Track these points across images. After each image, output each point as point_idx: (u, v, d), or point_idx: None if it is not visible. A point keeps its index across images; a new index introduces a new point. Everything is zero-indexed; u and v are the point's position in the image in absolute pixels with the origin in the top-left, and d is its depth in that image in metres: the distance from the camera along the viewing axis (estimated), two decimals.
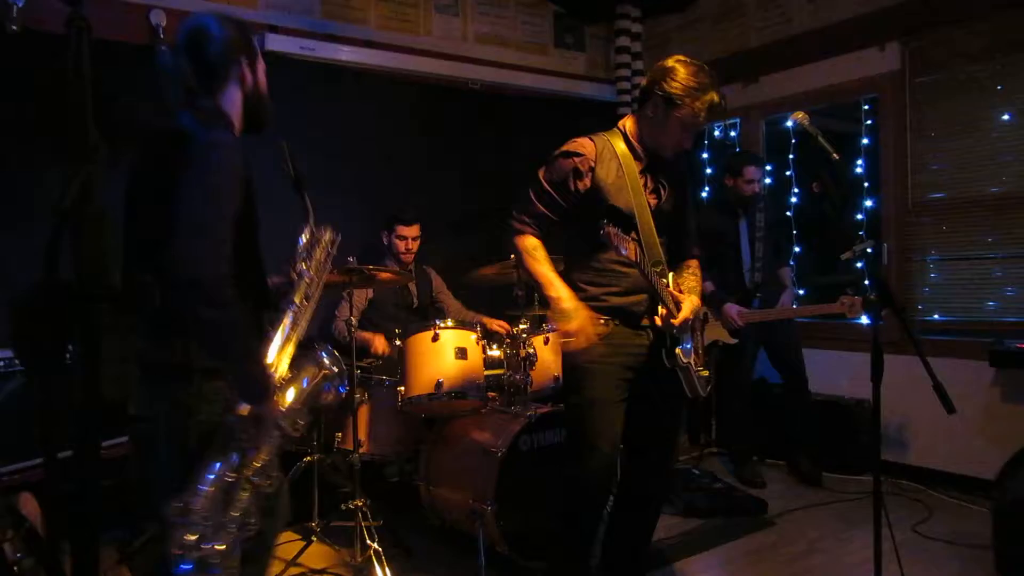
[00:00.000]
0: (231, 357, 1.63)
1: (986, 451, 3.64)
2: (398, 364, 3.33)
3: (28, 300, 0.67)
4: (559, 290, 2.35)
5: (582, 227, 2.40)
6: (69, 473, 0.64)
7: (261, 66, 1.87)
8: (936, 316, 4.17)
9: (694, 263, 2.63)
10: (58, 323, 0.65)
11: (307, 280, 1.93)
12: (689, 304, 2.42)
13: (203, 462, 1.63)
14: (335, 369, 1.93)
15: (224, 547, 1.61)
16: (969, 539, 3.26)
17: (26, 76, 3.33)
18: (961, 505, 3.72)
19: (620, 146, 2.44)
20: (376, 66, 4.51)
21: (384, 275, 3.36)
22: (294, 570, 3.07)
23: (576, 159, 2.39)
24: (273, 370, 1.78)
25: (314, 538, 3.29)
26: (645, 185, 2.46)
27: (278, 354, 1.82)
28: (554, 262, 2.47)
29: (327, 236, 2.01)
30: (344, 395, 2.08)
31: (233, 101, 1.81)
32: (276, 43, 4.09)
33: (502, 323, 3.86)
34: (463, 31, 4.93)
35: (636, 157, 2.46)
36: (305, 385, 1.85)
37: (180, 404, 1.67)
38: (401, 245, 3.91)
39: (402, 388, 3.23)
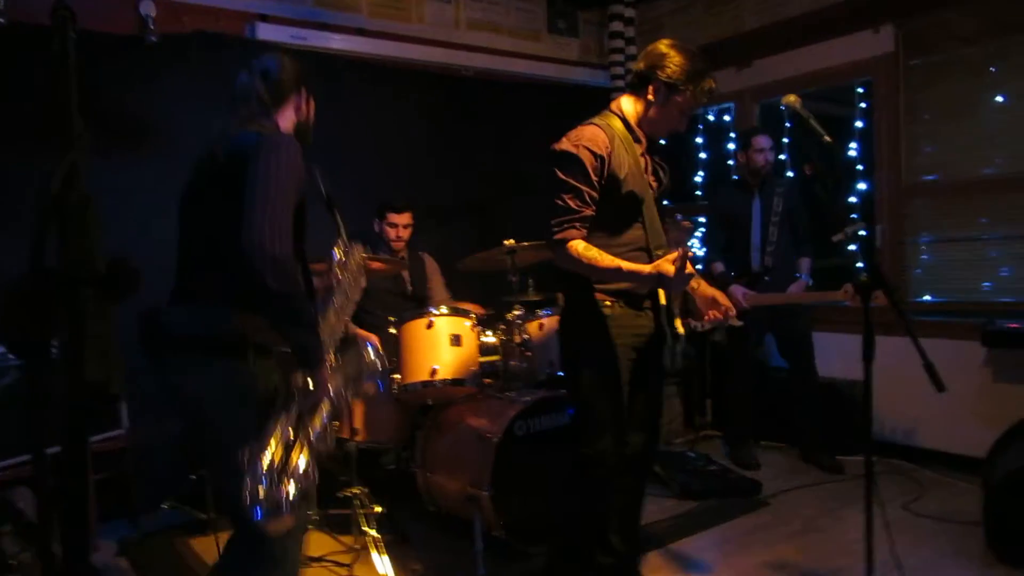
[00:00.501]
0: (299, 325, 1.83)
1: (977, 430, 3.66)
2: (393, 352, 3.34)
3: (15, 287, 0.68)
4: (632, 266, 2.33)
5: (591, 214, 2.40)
6: (58, 467, 0.65)
7: (312, 100, 2.18)
8: (928, 297, 4.19)
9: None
10: (44, 309, 0.66)
11: (345, 287, 2.16)
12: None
13: (265, 423, 1.81)
14: (378, 363, 2.14)
15: (293, 491, 1.79)
16: (960, 516, 3.30)
17: (13, 69, 3.31)
18: (952, 483, 3.75)
19: (621, 130, 2.44)
20: (368, 54, 4.50)
21: (375, 264, 3.36)
22: None
23: (595, 150, 2.35)
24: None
25: (311, 526, 3.31)
26: (646, 168, 2.48)
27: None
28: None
29: (359, 252, 2.23)
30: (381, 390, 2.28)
31: (287, 123, 2.08)
32: (267, 32, 4.08)
33: (475, 306, 3.85)
34: (455, 18, 4.91)
35: (636, 140, 2.48)
36: (351, 371, 2.03)
37: (236, 379, 1.87)
38: (392, 233, 3.91)
39: (397, 375, 3.25)
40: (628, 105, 2.49)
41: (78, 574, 0.72)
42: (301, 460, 1.85)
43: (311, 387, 1.88)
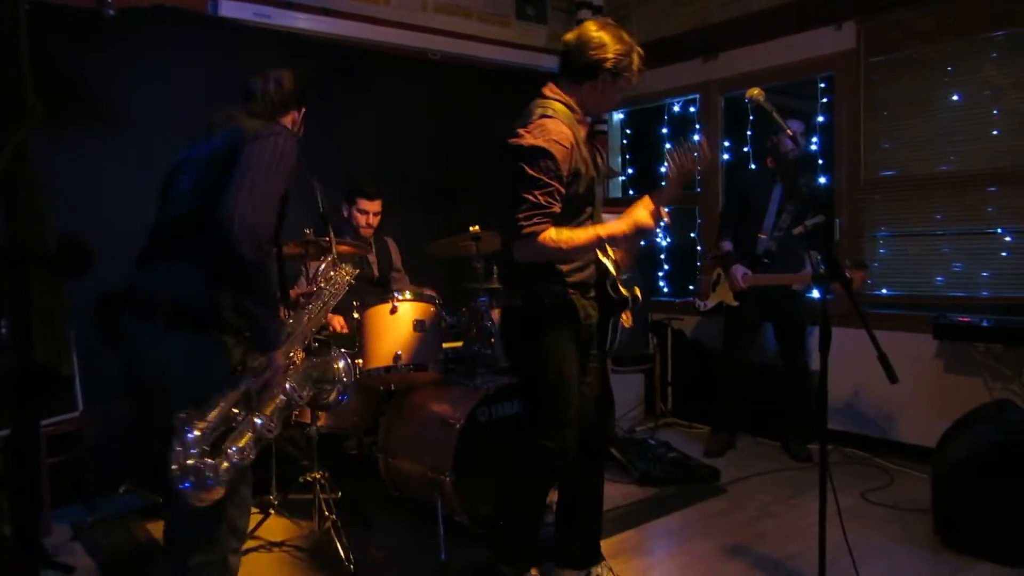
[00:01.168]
0: (262, 304, 1.88)
1: (928, 420, 3.77)
2: (356, 336, 3.32)
3: None
4: (608, 228, 2.39)
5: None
6: (8, 449, 0.63)
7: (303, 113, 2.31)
8: (884, 291, 4.29)
9: None
10: None
11: (326, 296, 2.31)
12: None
13: (214, 398, 1.86)
14: (345, 375, 2.23)
15: (224, 465, 1.82)
16: (911, 504, 3.40)
17: None
18: (905, 472, 3.86)
19: (570, 119, 2.42)
20: (333, 35, 4.43)
21: (342, 248, 3.33)
22: (252, 543, 3.07)
23: (565, 146, 2.32)
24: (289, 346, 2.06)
25: (272, 511, 3.29)
26: (589, 153, 2.50)
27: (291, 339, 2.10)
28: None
29: (347, 270, 2.43)
30: (341, 403, 2.34)
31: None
32: (229, 9, 3.99)
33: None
34: (423, 1, 4.86)
35: (580, 124, 2.47)
36: (315, 373, 2.14)
37: (199, 350, 1.89)
38: (362, 219, 3.87)
39: (360, 360, 3.23)
40: (568, 91, 2.46)
41: (29, 558, 0.71)
42: (241, 440, 1.87)
43: (266, 369, 1.93)
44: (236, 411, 1.90)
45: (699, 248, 5.26)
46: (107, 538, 3.21)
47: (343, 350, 2.31)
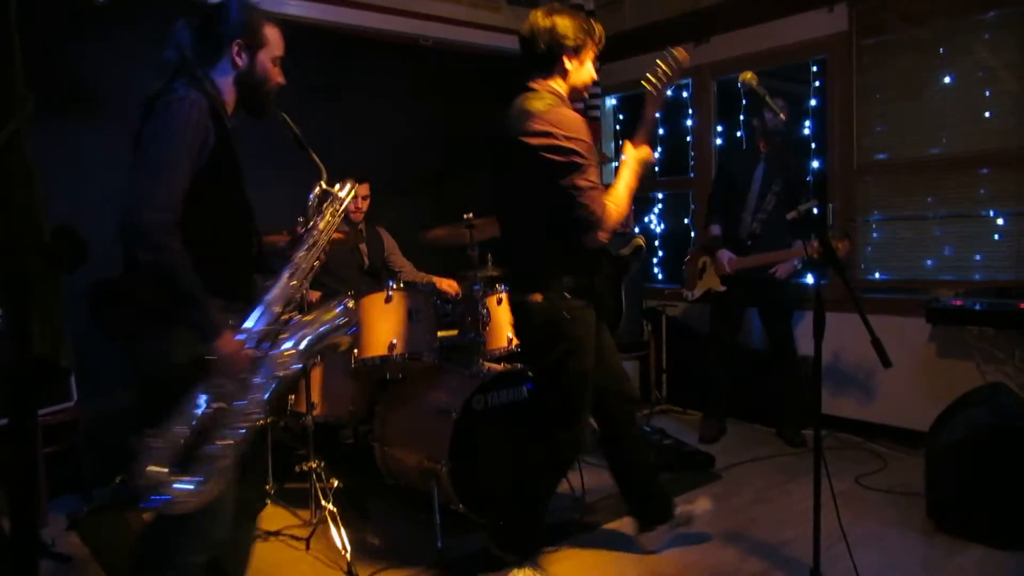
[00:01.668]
0: (172, 300, 1.74)
1: (922, 404, 3.79)
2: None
3: None
4: (626, 177, 2.53)
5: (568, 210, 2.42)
6: (5, 439, 0.62)
7: (266, 55, 1.98)
8: (877, 275, 4.30)
9: None
10: None
11: (314, 234, 2.10)
12: None
13: (180, 400, 1.75)
14: (342, 320, 2.08)
15: (197, 485, 1.72)
16: (905, 488, 3.42)
17: None
18: (899, 456, 3.88)
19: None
20: (324, 21, 4.39)
21: (334, 235, 3.30)
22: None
23: (585, 128, 2.42)
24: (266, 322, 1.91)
25: (268, 501, 3.29)
26: None
27: (269, 306, 1.94)
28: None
29: (346, 188, 2.18)
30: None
31: (224, 79, 1.95)
32: None
33: (451, 282, 3.86)
34: None
35: None
36: (322, 329, 2.02)
37: (155, 351, 1.81)
38: (351, 204, 3.84)
39: (355, 350, 3.22)
40: (551, 82, 2.53)
41: (27, 548, 0.70)
42: (214, 441, 1.77)
43: (217, 363, 1.78)
44: (208, 407, 1.78)
45: (692, 234, 5.26)
46: (103, 528, 3.21)
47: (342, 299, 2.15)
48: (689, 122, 5.21)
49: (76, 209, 3.22)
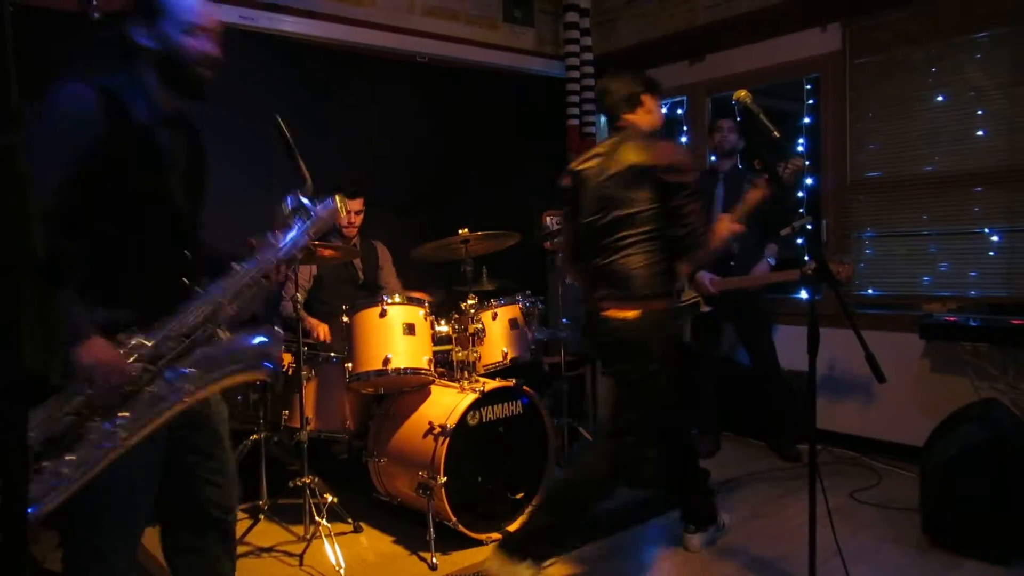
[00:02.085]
0: (40, 313, 1.58)
1: (916, 419, 3.79)
2: (345, 340, 3.31)
3: None
4: (723, 226, 2.84)
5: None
6: None
7: (172, 26, 1.78)
8: (871, 291, 4.31)
9: None
10: None
11: (270, 256, 1.84)
12: None
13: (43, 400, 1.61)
14: (261, 352, 1.79)
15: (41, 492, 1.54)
16: (899, 503, 3.41)
17: None
18: (894, 471, 3.88)
19: None
20: (320, 38, 4.41)
21: (327, 251, 3.32)
22: (242, 548, 3.05)
23: None
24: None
25: (262, 516, 3.27)
26: None
27: (180, 322, 1.72)
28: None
29: (338, 202, 1.95)
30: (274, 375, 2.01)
31: (145, 67, 1.79)
32: (214, 12, 3.96)
33: (422, 294, 3.85)
34: (410, 3, 4.85)
35: None
36: (232, 367, 1.76)
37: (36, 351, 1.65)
38: (343, 219, 3.86)
39: (349, 364, 3.21)
40: (645, 122, 2.81)
41: (17, 565, 0.70)
42: (62, 455, 1.59)
43: (80, 370, 1.60)
44: (66, 415, 1.60)
45: None
46: None
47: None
48: (684, 139, 5.24)
49: None
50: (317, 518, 3.04)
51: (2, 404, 0.63)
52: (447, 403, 3.15)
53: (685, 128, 5.21)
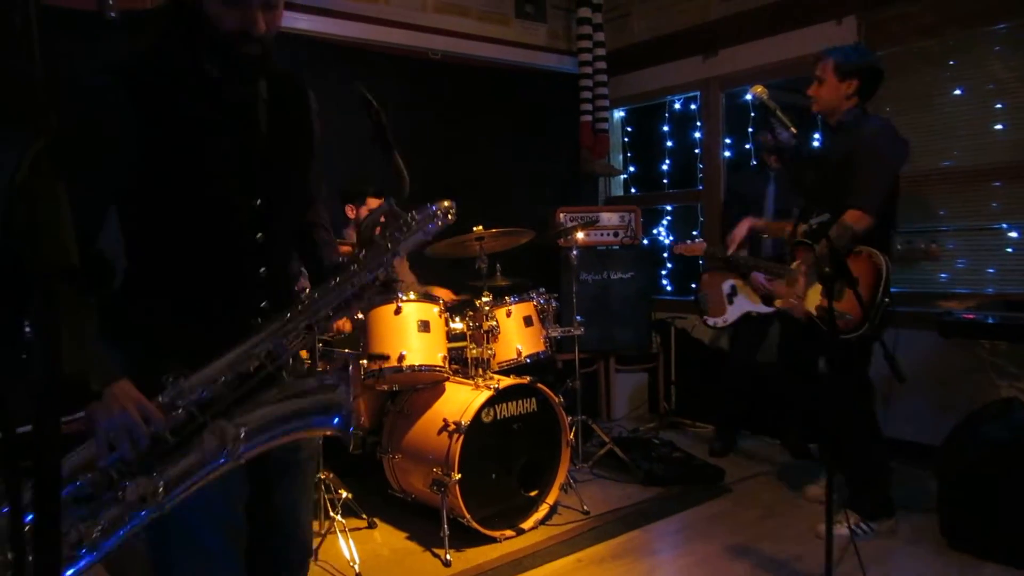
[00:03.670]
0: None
1: (933, 418, 3.76)
2: (360, 337, 3.31)
3: None
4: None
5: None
6: (28, 450, 0.62)
7: (234, 8, 1.41)
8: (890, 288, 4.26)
9: None
10: (13, 299, 0.64)
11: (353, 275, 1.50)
12: None
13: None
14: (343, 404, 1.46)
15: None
16: (917, 504, 3.38)
17: None
18: (911, 471, 3.85)
19: None
20: (334, 35, 4.42)
21: (345, 248, 3.32)
22: None
23: None
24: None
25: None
26: None
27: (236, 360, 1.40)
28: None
29: (438, 208, 1.67)
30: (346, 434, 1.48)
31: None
32: None
33: (446, 291, 3.85)
34: (423, 0, 4.85)
35: None
36: (295, 424, 1.43)
37: None
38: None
39: (365, 361, 3.22)
40: None
41: (50, 562, 0.70)
42: (81, 521, 1.32)
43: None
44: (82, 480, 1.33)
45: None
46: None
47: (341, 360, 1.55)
48: (697, 135, 5.21)
49: None
50: (332, 514, 3.05)
51: (41, 408, 0.63)
52: (462, 400, 3.15)
53: (699, 123, 5.18)
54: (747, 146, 4.98)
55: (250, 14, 1.39)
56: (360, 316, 3.31)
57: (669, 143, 5.42)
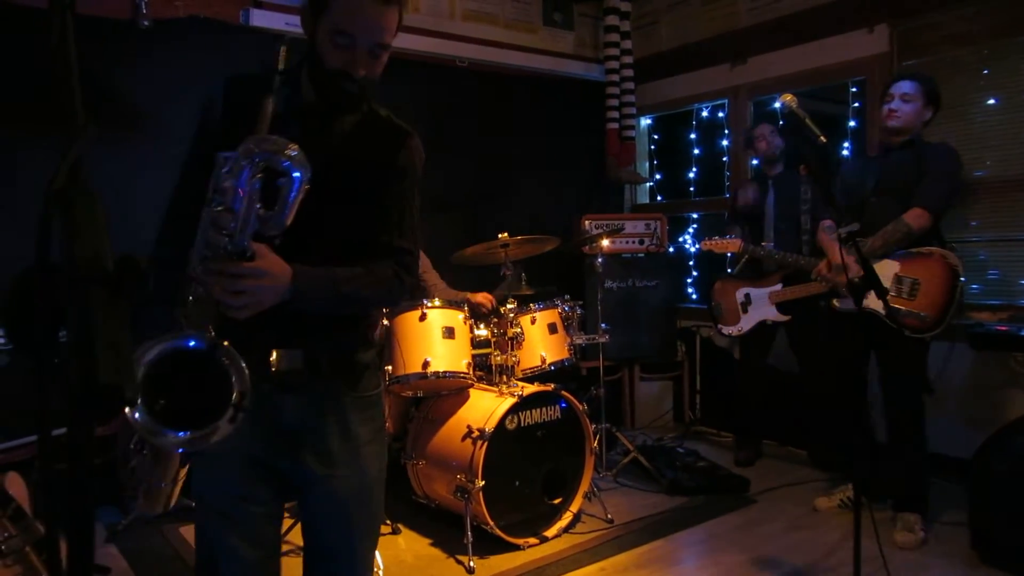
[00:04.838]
0: None
1: (965, 431, 3.69)
2: (385, 344, 3.33)
3: (21, 281, 0.67)
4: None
5: None
6: (63, 453, 0.64)
7: (325, 26, 1.51)
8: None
9: None
10: (51, 305, 0.66)
11: None
12: None
13: None
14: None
15: None
16: (947, 517, 3.33)
17: (8, 53, 3.27)
18: (941, 484, 3.78)
19: None
20: None
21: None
22: (283, 547, 3.08)
23: None
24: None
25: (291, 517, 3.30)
26: None
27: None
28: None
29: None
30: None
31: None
32: (260, 19, 4.04)
33: (486, 295, 3.86)
34: (450, 8, 4.88)
35: None
36: None
37: None
38: None
39: (389, 367, 3.24)
40: None
41: (83, 567, 0.72)
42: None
43: None
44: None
45: (729, 255, 5.21)
46: (141, 540, 3.25)
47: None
48: (725, 143, 5.19)
49: (117, 230, 3.31)
50: None
51: (76, 414, 0.64)
52: (486, 407, 3.15)
53: (727, 131, 5.16)
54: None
55: (353, 57, 1.50)
56: (386, 323, 3.33)
57: (696, 151, 5.40)
